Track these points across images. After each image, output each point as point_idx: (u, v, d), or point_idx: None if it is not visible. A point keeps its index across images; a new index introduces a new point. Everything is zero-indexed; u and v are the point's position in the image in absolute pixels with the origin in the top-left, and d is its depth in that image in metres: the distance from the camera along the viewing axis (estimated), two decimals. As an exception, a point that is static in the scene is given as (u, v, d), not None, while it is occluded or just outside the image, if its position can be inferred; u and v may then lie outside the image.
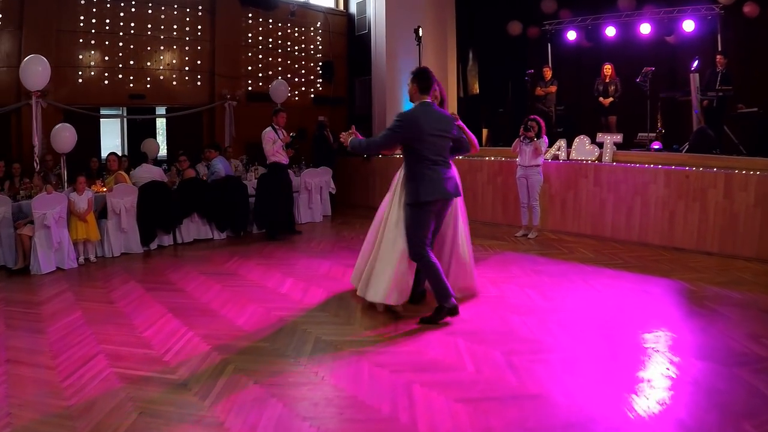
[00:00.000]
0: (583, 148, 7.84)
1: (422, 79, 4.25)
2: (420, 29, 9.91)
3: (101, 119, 9.83)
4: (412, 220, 4.20)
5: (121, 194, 6.92)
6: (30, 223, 6.28)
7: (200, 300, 4.98)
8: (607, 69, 9.28)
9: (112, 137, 10.24)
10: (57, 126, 7.03)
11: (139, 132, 9.89)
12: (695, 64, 8.15)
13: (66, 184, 7.01)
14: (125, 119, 10.01)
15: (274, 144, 7.62)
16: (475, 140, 4.69)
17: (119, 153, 9.07)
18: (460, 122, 4.56)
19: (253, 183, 8.37)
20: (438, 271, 4.18)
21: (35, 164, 7.02)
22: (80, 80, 8.90)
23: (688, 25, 8.90)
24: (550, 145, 7.96)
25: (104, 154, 8.67)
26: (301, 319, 4.38)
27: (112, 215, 6.87)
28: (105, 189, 7.02)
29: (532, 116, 7.43)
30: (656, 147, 7.91)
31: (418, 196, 4.13)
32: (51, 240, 6.19)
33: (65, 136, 6.90)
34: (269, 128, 7.78)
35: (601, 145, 7.69)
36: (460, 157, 5.14)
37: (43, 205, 6.18)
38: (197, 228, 7.73)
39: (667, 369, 3.34)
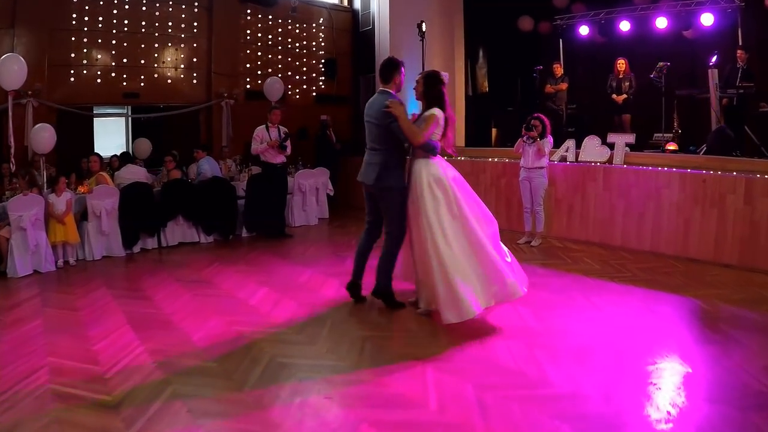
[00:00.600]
0: (592, 149, 7.31)
1: (381, 69, 4.49)
2: (423, 24, 9.52)
3: (106, 118, 9.64)
4: None
5: (101, 196, 6.67)
6: (9, 225, 6.06)
7: (164, 311, 4.68)
8: (621, 64, 8.74)
9: (117, 136, 10.02)
10: (36, 126, 6.82)
11: (144, 131, 9.63)
12: (714, 58, 7.58)
13: (46, 185, 6.75)
14: (130, 118, 9.79)
15: (261, 143, 7.29)
16: (417, 135, 4.14)
17: (125, 152, 8.89)
18: (401, 112, 4.17)
19: (243, 184, 8.02)
20: (357, 251, 4.70)
21: (11, 165, 6.77)
22: (72, 79, 8.66)
23: (707, 19, 8.29)
24: (558, 145, 7.46)
25: (103, 154, 8.45)
26: (261, 336, 4.01)
27: (92, 217, 6.63)
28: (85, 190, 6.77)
29: (535, 114, 6.96)
30: (671, 148, 7.37)
31: None
32: (27, 242, 6.01)
33: (44, 136, 6.66)
34: (261, 126, 7.50)
35: (612, 146, 7.16)
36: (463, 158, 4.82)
37: (20, 206, 6.00)
38: (182, 231, 7.42)
39: (669, 414, 2.83)
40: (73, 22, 8.58)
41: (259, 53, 10.57)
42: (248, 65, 10.43)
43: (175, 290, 5.28)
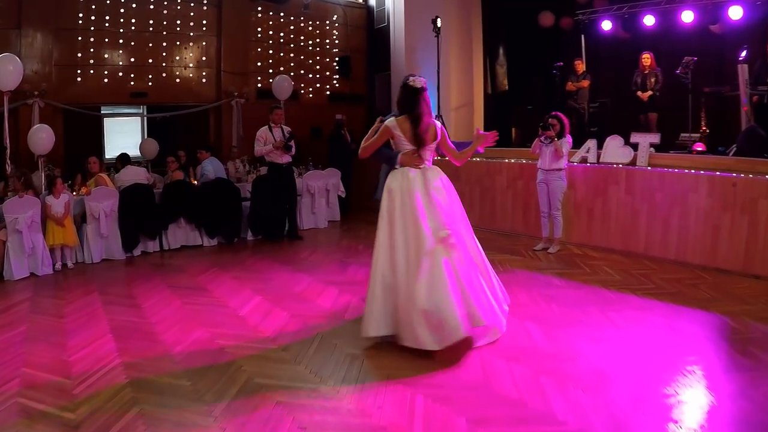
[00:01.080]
0: (615, 150, 6.86)
1: None
2: (438, 20, 9.20)
3: (119, 118, 9.59)
4: None
5: (100, 198, 6.52)
6: (5, 227, 5.94)
7: (150, 319, 4.48)
8: (646, 59, 8.23)
9: (131, 136, 9.93)
10: (34, 127, 6.69)
11: (158, 131, 9.49)
12: (743, 53, 7.07)
13: (44, 186, 6.62)
14: (145, 118, 9.67)
15: (265, 145, 7.06)
16: (360, 150, 4.05)
17: (124, 153, 8.75)
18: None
19: (249, 186, 7.79)
20: None
21: (7, 166, 6.65)
22: (79, 79, 8.57)
23: (735, 12, 7.72)
24: (579, 145, 7.04)
25: (114, 154, 8.37)
26: (243, 351, 3.74)
27: (91, 220, 6.49)
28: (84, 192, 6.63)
29: (553, 113, 6.55)
30: (699, 149, 6.88)
31: None
32: (23, 245, 5.90)
33: (42, 137, 6.50)
34: (264, 127, 7.27)
35: (635, 147, 6.70)
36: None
37: (15, 208, 5.88)
38: (185, 234, 7.23)
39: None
40: (80, 22, 8.49)
41: (271, 51, 10.36)
42: (259, 63, 10.22)
43: (165, 297, 5.09)
